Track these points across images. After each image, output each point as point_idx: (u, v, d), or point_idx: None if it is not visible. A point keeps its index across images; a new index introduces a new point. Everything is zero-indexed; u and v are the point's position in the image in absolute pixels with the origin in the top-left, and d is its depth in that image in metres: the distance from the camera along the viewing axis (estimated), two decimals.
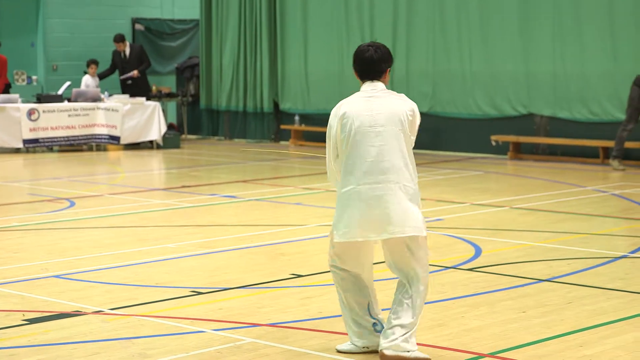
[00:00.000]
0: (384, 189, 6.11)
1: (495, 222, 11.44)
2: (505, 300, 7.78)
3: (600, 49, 17.53)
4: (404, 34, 20.05)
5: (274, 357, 6.29)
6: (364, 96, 6.23)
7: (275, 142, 22.40)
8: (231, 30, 22.99)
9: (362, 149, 6.15)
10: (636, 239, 10.40)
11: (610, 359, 6.22)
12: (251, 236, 10.74)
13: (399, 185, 6.10)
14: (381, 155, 6.12)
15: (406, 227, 6.09)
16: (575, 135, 17.94)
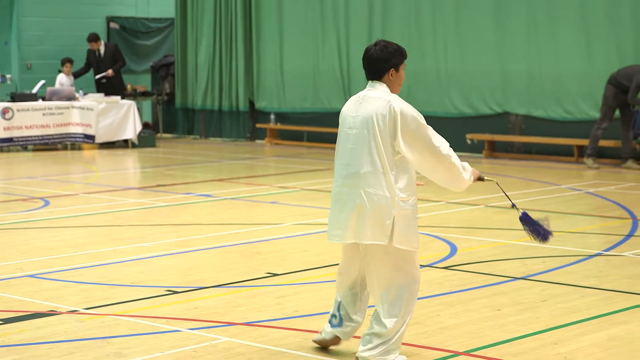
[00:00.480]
0: (347, 194, 6.05)
1: (470, 221, 11.47)
2: (480, 298, 7.80)
3: (574, 48, 17.60)
4: (379, 34, 20.04)
5: (250, 356, 6.28)
6: (358, 96, 6.15)
7: (251, 141, 22.37)
8: (206, 28, 22.95)
9: (340, 151, 6.14)
10: (610, 237, 10.45)
11: (585, 356, 6.24)
12: (226, 235, 10.72)
13: (362, 191, 5.96)
14: (350, 159, 6.05)
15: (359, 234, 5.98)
16: (550, 134, 18.01)
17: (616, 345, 6.49)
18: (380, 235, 5.93)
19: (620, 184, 14.60)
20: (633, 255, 9.44)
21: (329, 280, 8.48)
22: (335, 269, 8.90)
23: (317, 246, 10.03)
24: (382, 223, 5.93)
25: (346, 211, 6.06)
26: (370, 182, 5.96)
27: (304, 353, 6.33)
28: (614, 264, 9.12)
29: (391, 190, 5.95)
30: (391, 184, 5.95)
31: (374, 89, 6.10)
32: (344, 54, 20.70)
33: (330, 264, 9.13)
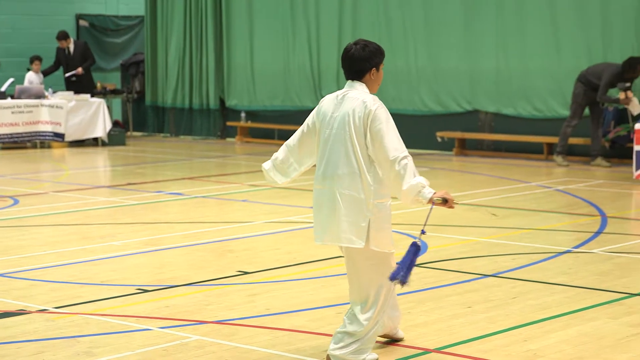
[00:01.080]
0: (325, 194, 6.04)
1: (441, 218, 11.50)
2: (451, 295, 7.83)
3: (543, 46, 17.68)
4: (349, 32, 20.09)
5: (221, 355, 6.28)
6: (336, 95, 6.11)
7: (222, 139, 22.34)
8: (176, 26, 22.89)
9: (320, 152, 6.12)
10: (580, 234, 10.51)
11: (554, 352, 6.28)
12: (197, 233, 10.71)
13: (338, 193, 5.95)
14: (327, 159, 6.03)
15: (335, 236, 5.99)
16: (520, 132, 18.08)
17: (585, 341, 6.53)
18: (356, 237, 5.92)
19: (589, 182, 14.68)
20: (602, 252, 9.50)
21: (300, 278, 8.49)
22: (306, 266, 8.93)
23: (289, 244, 10.04)
24: (357, 225, 5.91)
25: (324, 212, 6.06)
26: (346, 184, 5.94)
27: (275, 351, 6.34)
28: (583, 261, 9.17)
29: (367, 192, 5.91)
30: (367, 186, 5.91)
31: (353, 89, 6.06)
32: (314, 52, 20.71)
33: (301, 262, 9.14)
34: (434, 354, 6.29)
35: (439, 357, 6.23)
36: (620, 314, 7.23)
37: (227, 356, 6.25)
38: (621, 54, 16.58)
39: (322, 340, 6.51)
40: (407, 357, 6.23)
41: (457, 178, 15.65)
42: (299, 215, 11.75)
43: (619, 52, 16.73)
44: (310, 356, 6.24)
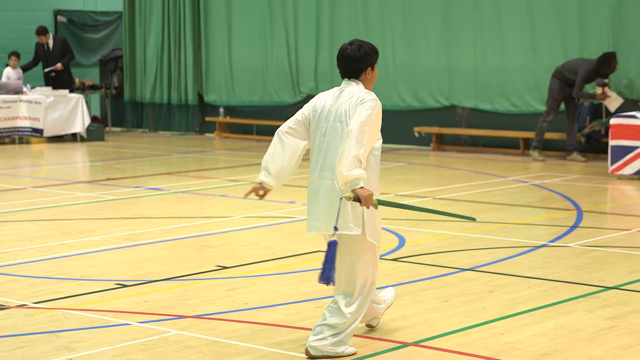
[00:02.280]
0: (321, 185, 6.14)
1: (419, 213, 11.52)
2: (428, 289, 7.85)
3: (519, 43, 17.73)
4: (327, 29, 20.09)
5: (200, 349, 6.28)
6: (334, 91, 6.20)
7: (200, 134, 22.30)
8: (155, 22, 22.83)
9: (316, 145, 6.20)
10: (556, 228, 10.55)
11: (531, 345, 6.31)
12: (176, 228, 10.70)
13: (334, 183, 6.04)
14: (324, 152, 6.13)
15: (331, 225, 6.05)
16: (496, 127, 18.13)
17: (561, 334, 6.57)
18: (353, 225, 6.02)
19: (565, 176, 14.74)
20: (578, 246, 9.54)
21: (278, 273, 8.50)
22: (284, 261, 8.93)
23: (267, 239, 10.04)
24: (354, 212, 6.01)
25: (320, 202, 6.14)
26: None
27: (254, 345, 6.34)
28: (559, 254, 9.22)
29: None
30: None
31: (349, 86, 6.17)
32: (292, 48, 20.70)
33: (279, 256, 9.14)
34: (412, 348, 6.31)
35: (417, 351, 6.25)
36: (595, 307, 7.27)
37: (206, 350, 6.25)
38: (597, 49, 16.65)
39: (300, 334, 6.52)
40: (385, 351, 6.25)
41: (435, 173, 15.68)
42: (278, 210, 11.75)
43: (594, 48, 16.80)
44: (289, 350, 6.25)
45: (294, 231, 10.48)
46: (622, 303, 7.39)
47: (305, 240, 9.92)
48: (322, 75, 20.28)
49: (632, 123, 14.42)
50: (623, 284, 7.99)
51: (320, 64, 20.26)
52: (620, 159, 14.42)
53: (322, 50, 20.19)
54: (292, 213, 11.55)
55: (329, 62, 20.06)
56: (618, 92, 16.53)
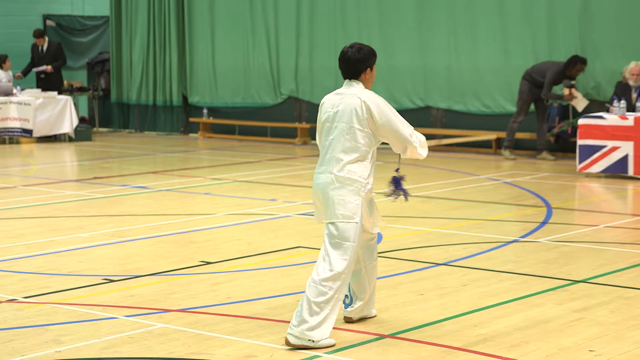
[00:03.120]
0: (324, 178, 6.32)
1: (395, 210, 11.52)
2: (404, 283, 7.86)
3: (491, 46, 17.77)
4: (306, 32, 20.09)
5: (185, 341, 6.26)
6: (337, 93, 6.44)
7: (185, 135, 22.25)
8: (140, 26, 22.76)
9: (322, 142, 6.43)
10: (526, 224, 10.58)
11: (503, 337, 6.32)
12: (162, 225, 10.67)
13: (332, 176, 6.25)
14: (330, 148, 6.33)
15: (328, 214, 6.26)
16: (469, 127, 18.17)
17: (532, 326, 6.58)
18: (347, 215, 6.21)
19: (535, 174, 14.78)
20: (547, 242, 9.57)
21: (260, 268, 8.48)
22: (266, 257, 8.92)
23: (250, 235, 10.03)
24: (352, 203, 6.22)
25: (319, 194, 6.33)
26: (338, 167, 6.25)
27: (237, 338, 6.33)
28: (529, 249, 9.24)
29: (360, 175, 6.26)
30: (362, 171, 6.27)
31: (351, 87, 6.42)
32: (273, 51, 20.68)
33: (261, 252, 9.13)
34: (388, 339, 6.31)
35: (394, 342, 6.25)
36: (564, 300, 7.29)
37: (190, 343, 6.23)
38: (565, 52, 16.70)
39: (282, 327, 6.51)
40: (362, 343, 6.25)
41: (410, 171, 15.69)
42: (260, 207, 11.73)
43: (563, 51, 16.85)
44: (271, 342, 6.24)
45: (275, 227, 10.47)
46: (589, 296, 7.41)
47: (287, 236, 9.92)
48: (302, 77, 20.28)
49: (599, 123, 14.47)
50: (590, 278, 8.01)
51: (301, 66, 20.27)
52: (588, 158, 14.48)
53: (302, 53, 20.19)
54: (274, 210, 11.54)
55: (308, 65, 20.07)
56: (585, 94, 16.59)
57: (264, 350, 6.09)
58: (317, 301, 6.10)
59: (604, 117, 14.50)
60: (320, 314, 6.09)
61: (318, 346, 6.06)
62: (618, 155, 14.26)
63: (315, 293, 6.11)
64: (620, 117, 14.35)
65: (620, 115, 14.39)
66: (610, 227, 10.45)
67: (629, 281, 7.88)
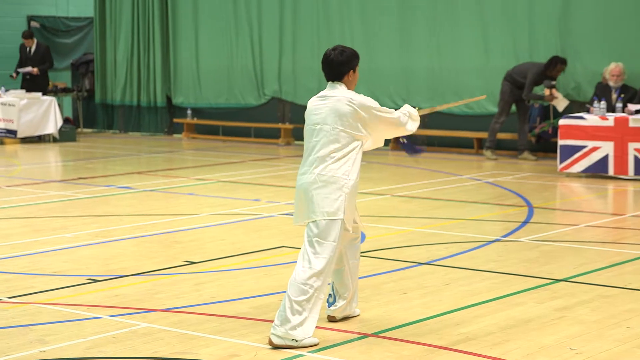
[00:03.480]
0: (306, 178, 6.33)
1: (377, 210, 11.54)
2: (387, 282, 7.86)
3: (473, 47, 17.80)
4: (290, 32, 20.09)
5: (169, 341, 6.25)
6: (320, 96, 6.47)
7: (169, 135, 22.21)
8: (124, 27, 22.71)
9: (307, 144, 6.43)
10: (508, 224, 10.60)
11: (484, 335, 6.33)
12: (146, 225, 10.64)
13: (315, 176, 6.26)
14: (314, 150, 6.34)
15: (310, 213, 6.27)
16: (451, 127, 18.19)
17: (513, 324, 6.59)
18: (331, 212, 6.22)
19: (517, 174, 14.81)
20: (529, 241, 9.59)
21: (244, 268, 8.48)
22: (250, 256, 8.92)
23: (233, 235, 10.02)
24: (336, 200, 6.24)
25: (300, 195, 6.34)
26: (326, 168, 6.27)
27: (221, 337, 6.32)
28: (511, 249, 9.26)
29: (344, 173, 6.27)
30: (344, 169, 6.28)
31: (335, 89, 6.44)
32: (256, 52, 20.67)
33: (245, 252, 9.12)
34: (371, 338, 6.32)
35: (377, 341, 6.25)
36: (545, 299, 7.31)
37: (174, 342, 6.22)
38: (546, 53, 16.74)
39: (265, 326, 6.50)
40: (346, 342, 6.25)
41: (393, 171, 15.71)
42: (243, 207, 11.72)
43: (543, 52, 16.89)
44: (255, 341, 6.23)
45: (259, 227, 10.46)
46: (570, 295, 7.44)
47: (270, 236, 9.91)
48: (285, 78, 20.28)
49: (579, 124, 14.52)
50: (571, 277, 8.04)
51: (284, 67, 20.26)
52: (569, 158, 14.52)
53: (285, 54, 20.18)
54: (257, 210, 11.53)
55: (291, 66, 20.07)
56: (565, 95, 16.64)
57: (247, 349, 6.08)
58: (298, 300, 6.10)
59: (584, 117, 14.54)
60: (302, 313, 6.09)
61: (301, 345, 6.06)
62: (598, 155, 14.31)
63: (296, 292, 6.12)
64: (601, 117, 14.41)
65: (601, 115, 14.45)
66: (590, 226, 10.49)
67: (610, 280, 7.91)
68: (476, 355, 5.93)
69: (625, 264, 8.52)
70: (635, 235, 9.92)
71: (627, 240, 9.68)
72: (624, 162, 14.14)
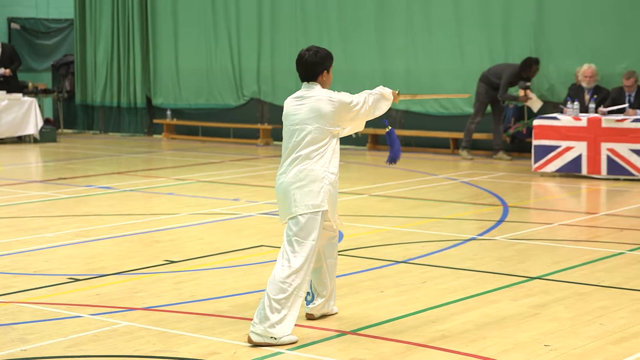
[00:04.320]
0: (283, 177, 6.33)
1: (355, 209, 11.55)
2: (365, 281, 7.87)
3: (448, 49, 17.84)
4: (268, 34, 20.07)
5: (149, 339, 6.23)
6: (296, 96, 6.44)
7: (149, 136, 22.16)
8: (104, 29, 22.63)
9: (286, 144, 6.40)
10: (483, 223, 10.63)
11: (460, 332, 6.35)
12: (126, 225, 10.61)
13: (293, 174, 6.27)
14: (293, 150, 6.32)
15: (291, 210, 6.27)
16: (428, 128, 18.23)
17: (489, 322, 6.61)
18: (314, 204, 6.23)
19: (492, 174, 14.86)
20: (504, 239, 9.62)
21: (223, 267, 8.47)
22: (229, 255, 8.90)
23: (212, 234, 10.00)
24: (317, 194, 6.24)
25: (282, 193, 6.33)
26: (305, 167, 6.27)
27: (201, 335, 6.31)
28: (486, 247, 9.28)
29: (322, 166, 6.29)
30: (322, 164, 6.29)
31: (311, 89, 6.42)
32: (235, 54, 20.65)
33: (224, 251, 9.11)
34: (349, 336, 6.32)
35: (355, 339, 6.26)
36: (520, 296, 7.33)
37: (155, 340, 6.21)
38: (520, 55, 16.80)
39: (244, 324, 6.50)
40: (324, 339, 6.25)
41: (371, 171, 15.73)
42: (223, 207, 11.71)
43: (518, 53, 16.95)
44: (234, 339, 6.22)
45: (237, 227, 10.45)
46: (545, 292, 7.46)
47: (249, 235, 9.90)
48: (264, 79, 20.26)
49: (553, 124, 14.58)
50: (546, 274, 8.07)
51: (262, 68, 20.25)
52: (543, 158, 14.58)
53: (264, 56, 20.17)
54: (236, 210, 11.51)
55: (270, 67, 20.06)
56: (540, 95, 16.71)
57: (227, 347, 6.07)
58: (277, 298, 6.10)
59: (558, 118, 14.60)
60: (281, 312, 6.09)
61: (280, 343, 6.06)
62: (572, 155, 14.38)
63: (275, 291, 6.12)
64: (574, 118, 14.47)
65: (574, 116, 14.51)
66: (564, 225, 10.53)
67: (583, 277, 7.94)
68: (453, 352, 5.95)
69: (599, 262, 8.56)
70: (608, 234, 9.97)
71: (600, 239, 9.72)
72: (597, 162, 14.22)
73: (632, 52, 15.99)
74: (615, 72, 15.88)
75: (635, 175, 14.00)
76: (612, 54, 16.14)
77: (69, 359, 5.87)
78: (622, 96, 14.88)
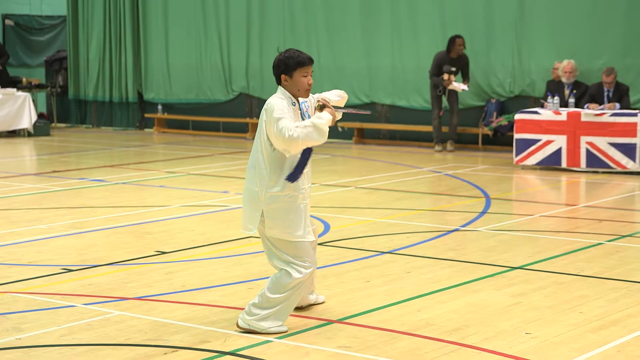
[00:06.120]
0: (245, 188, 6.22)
1: (342, 201, 11.55)
2: (351, 271, 7.86)
3: (432, 45, 17.82)
4: (257, 31, 20.04)
5: (141, 328, 6.22)
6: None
7: (140, 130, 22.11)
8: (97, 25, 22.57)
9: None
10: (466, 214, 10.64)
11: (445, 321, 6.35)
12: (118, 217, 10.59)
13: (245, 185, 6.18)
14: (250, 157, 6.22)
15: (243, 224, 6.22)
16: (412, 122, 18.24)
17: (472, 310, 6.62)
18: (250, 225, 6.13)
19: (474, 167, 14.87)
20: (487, 230, 9.63)
21: (213, 257, 8.45)
22: (219, 246, 8.89)
23: (203, 226, 9.98)
24: (252, 214, 6.10)
25: (244, 204, 6.24)
26: (249, 177, 6.13)
27: (192, 324, 6.30)
28: (469, 238, 9.29)
29: (260, 185, 6.03)
30: (261, 179, 6.03)
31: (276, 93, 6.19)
32: (224, 50, 20.62)
33: (214, 242, 9.09)
34: (336, 325, 6.32)
35: (341, 327, 6.25)
36: (502, 286, 7.34)
37: (146, 329, 6.19)
38: (502, 52, 16.84)
39: (234, 314, 6.49)
40: (311, 328, 6.25)
41: (357, 164, 15.72)
42: (212, 199, 11.69)
43: (500, 50, 16.98)
44: (224, 328, 6.21)
45: (227, 218, 10.44)
46: (526, 282, 7.47)
47: (239, 226, 9.85)
48: (252, 75, 20.24)
49: (534, 118, 14.60)
50: (527, 264, 8.08)
51: (251, 64, 20.23)
52: (524, 151, 14.61)
53: (253, 52, 20.14)
54: (226, 202, 11.50)
55: (259, 63, 20.03)
56: (521, 91, 16.77)
57: (217, 335, 6.06)
58: (272, 297, 6.08)
59: (539, 112, 14.63)
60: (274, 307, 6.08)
61: (269, 332, 6.04)
62: (552, 148, 14.40)
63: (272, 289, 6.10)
64: (554, 112, 14.49)
65: (554, 110, 14.53)
66: (545, 216, 10.55)
67: (563, 267, 7.96)
68: (437, 340, 5.95)
69: (578, 252, 8.58)
70: (587, 225, 9.99)
71: (580, 230, 9.74)
72: (576, 155, 14.25)
73: (610, 49, 16.02)
74: (594, 68, 15.92)
75: (613, 167, 14.04)
76: (590, 51, 16.17)
77: (62, 347, 5.86)
78: (600, 91, 14.91)
